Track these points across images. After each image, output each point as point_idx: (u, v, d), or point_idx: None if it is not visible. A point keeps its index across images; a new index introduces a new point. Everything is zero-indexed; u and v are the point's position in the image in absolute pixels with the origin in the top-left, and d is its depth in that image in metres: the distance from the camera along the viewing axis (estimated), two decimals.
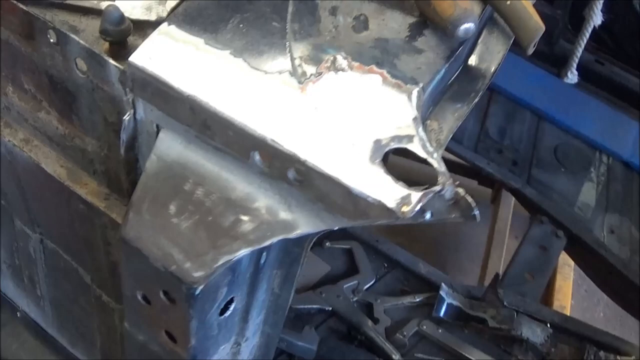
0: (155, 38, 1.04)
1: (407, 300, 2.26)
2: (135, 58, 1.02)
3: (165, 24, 1.05)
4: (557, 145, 2.60)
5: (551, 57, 2.65)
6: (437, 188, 0.89)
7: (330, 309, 2.20)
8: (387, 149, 0.93)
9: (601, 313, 3.02)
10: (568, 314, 2.65)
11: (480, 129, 2.64)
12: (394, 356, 2.08)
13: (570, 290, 2.70)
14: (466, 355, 2.09)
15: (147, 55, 1.02)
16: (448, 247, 3.30)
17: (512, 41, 1.13)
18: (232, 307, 1.19)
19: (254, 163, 0.98)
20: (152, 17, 1.15)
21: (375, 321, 2.18)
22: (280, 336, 2.08)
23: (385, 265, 2.38)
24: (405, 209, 0.88)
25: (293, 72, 0.99)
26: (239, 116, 0.96)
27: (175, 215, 1.04)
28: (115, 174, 1.23)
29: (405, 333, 2.15)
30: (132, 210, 1.08)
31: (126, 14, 1.14)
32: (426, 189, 0.90)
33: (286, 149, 0.93)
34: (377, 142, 0.93)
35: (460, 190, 0.91)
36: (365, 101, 0.98)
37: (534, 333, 2.10)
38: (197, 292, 1.04)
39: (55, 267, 1.62)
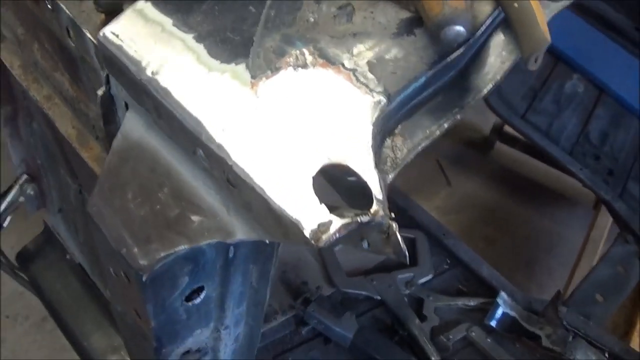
0: (127, 15, 1.00)
1: (461, 301, 2.12)
2: (104, 34, 0.99)
3: (142, 1, 1.01)
4: None
5: None
6: (364, 218, 0.79)
7: (379, 298, 2.11)
8: (324, 164, 0.83)
9: None
10: None
11: (581, 130, 2.40)
12: (433, 358, 1.97)
13: None
14: None
15: (115, 32, 0.98)
16: (540, 247, 3.06)
17: None
18: (202, 295, 1.16)
19: (198, 159, 0.92)
20: None
21: (423, 319, 2.07)
22: (319, 318, 2.05)
23: (448, 261, 2.24)
24: (321, 236, 0.78)
25: (250, 65, 0.91)
26: (181, 108, 0.90)
27: (131, 199, 1.02)
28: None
29: (451, 336, 2.02)
30: (97, 186, 1.06)
31: None
32: (354, 216, 0.79)
33: (217, 150, 0.86)
34: (316, 154, 0.84)
35: (394, 225, 0.80)
36: (318, 105, 0.89)
37: None
38: (144, 278, 1.01)
39: None
